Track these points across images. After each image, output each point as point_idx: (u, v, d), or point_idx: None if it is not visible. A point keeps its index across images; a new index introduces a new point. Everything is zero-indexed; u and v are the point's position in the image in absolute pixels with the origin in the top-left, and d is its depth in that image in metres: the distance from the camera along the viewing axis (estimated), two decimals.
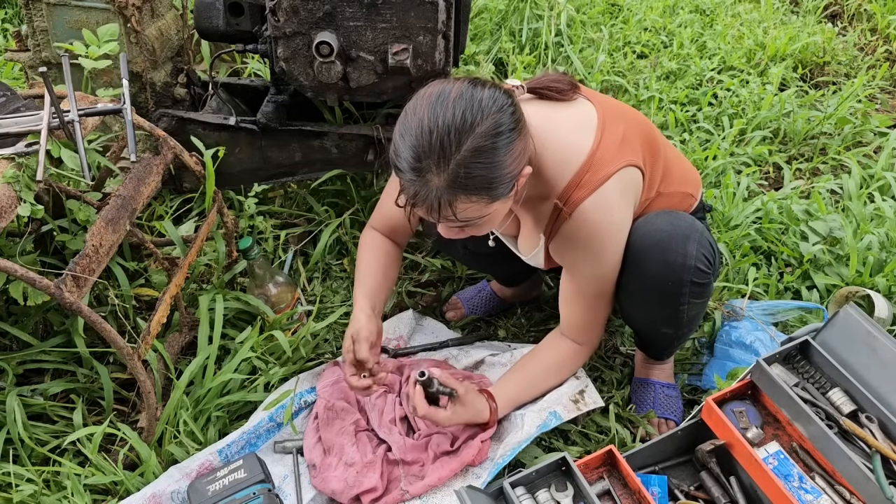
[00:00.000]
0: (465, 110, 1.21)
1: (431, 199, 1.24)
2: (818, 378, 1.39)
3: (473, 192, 1.24)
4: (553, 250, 1.53)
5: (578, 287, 1.54)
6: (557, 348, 1.63)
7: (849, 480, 1.27)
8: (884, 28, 3.61)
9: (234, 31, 1.97)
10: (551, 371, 1.62)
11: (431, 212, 1.26)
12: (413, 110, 1.25)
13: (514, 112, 1.26)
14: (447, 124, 1.20)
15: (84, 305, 1.36)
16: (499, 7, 3.40)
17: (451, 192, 1.23)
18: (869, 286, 1.98)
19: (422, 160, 1.21)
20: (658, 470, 1.48)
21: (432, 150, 1.20)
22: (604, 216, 1.42)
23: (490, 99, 1.24)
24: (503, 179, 1.25)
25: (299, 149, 2.12)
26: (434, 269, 2.15)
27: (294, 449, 1.62)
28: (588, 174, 1.39)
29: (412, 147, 1.22)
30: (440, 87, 1.26)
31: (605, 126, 1.43)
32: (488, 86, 1.27)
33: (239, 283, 1.98)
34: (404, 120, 1.25)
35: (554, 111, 1.47)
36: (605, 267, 1.49)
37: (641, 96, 2.96)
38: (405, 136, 1.23)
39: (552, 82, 1.48)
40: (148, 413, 1.55)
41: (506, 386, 1.59)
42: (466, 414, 1.51)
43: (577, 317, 1.58)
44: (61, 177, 1.66)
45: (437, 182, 1.22)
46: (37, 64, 2.07)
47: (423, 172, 1.22)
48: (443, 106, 1.22)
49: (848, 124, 2.83)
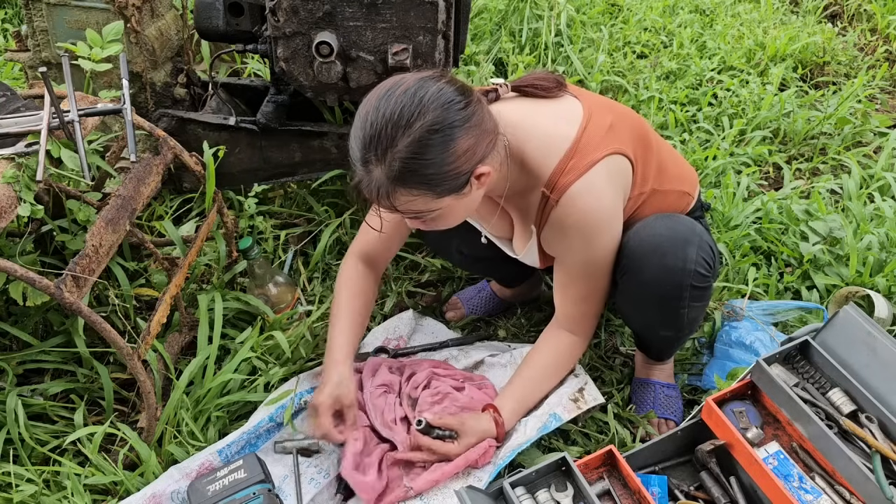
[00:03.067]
0: (405, 106, 1.23)
1: (372, 189, 1.28)
2: (818, 378, 1.39)
3: (413, 186, 1.26)
4: (544, 241, 1.51)
5: (571, 275, 1.53)
6: (554, 347, 1.62)
7: (849, 480, 1.27)
8: (884, 28, 3.61)
9: (234, 31, 1.97)
10: (550, 370, 1.62)
11: (373, 201, 1.31)
12: (364, 103, 1.28)
13: (463, 108, 1.26)
14: (385, 119, 1.23)
15: (84, 305, 1.36)
16: (499, 7, 3.40)
17: (389, 184, 1.26)
18: (869, 286, 1.98)
19: (365, 151, 1.25)
20: (658, 470, 1.48)
21: (372, 143, 1.24)
22: (593, 201, 1.41)
23: (434, 95, 1.25)
24: (447, 175, 1.26)
25: (299, 149, 2.12)
26: (434, 269, 2.15)
27: (294, 449, 1.62)
28: (574, 160, 1.39)
29: (358, 139, 1.27)
30: (393, 82, 1.28)
31: (590, 117, 1.43)
32: (443, 81, 1.27)
33: (239, 283, 1.98)
34: (357, 112, 1.29)
35: (537, 106, 1.47)
36: (598, 252, 1.48)
37: (641, 96, 2.96)
38: (355, 129, 1.28)
39: (536, 80, 1.49)
40: (148, 413, 1.55)
41: (509, 396, 1.59)
42: (473, 439, 1.53)
43: (571, 306, 1.57)
44: (61, 177, 1.66)
45: (377, 173, 1.26)
46: (37, 64, 2.07)
47: (366, 163, 1.26)
48: (387, 100, 1.25)
49: (848, 124, 2.83)
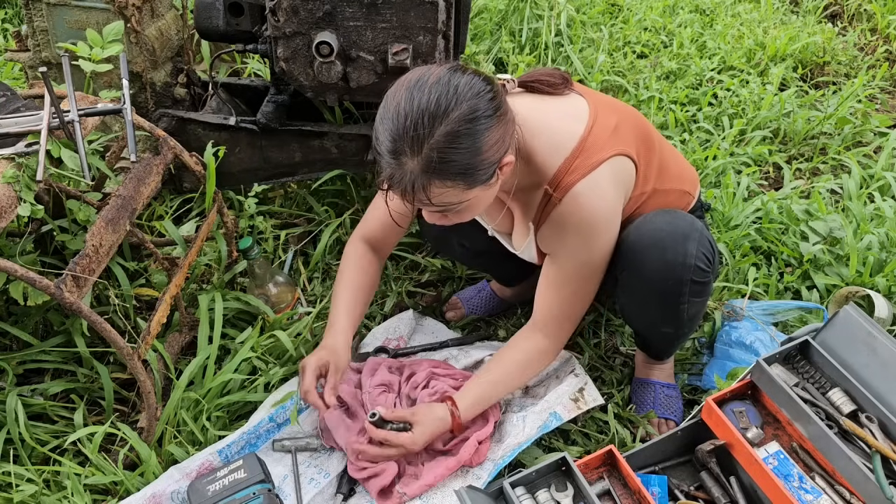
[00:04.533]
0: (441, 95, 1.22)
1: (406, 183, 1.25)
2: (818, 378, 1.39)
3: (448, 178, 1.25)
4: (541, 238, 1.51)
5: (563, 273, 1.51)
6: (525, 351, 1.60)
7: (849, 480, 1.27)
8: (884, 28, 3.61)
9: (234, 31, 1.97)
10: (515, 375, 1.60)
11: (406, 195, 1.28)
12: (392, 95, 1.26)
13: (492, 98, 1.26)
14: (421, 109, 1.21)
15: (84, 305, 1.36)
16: (499, 7, 3.40)
17: (425, 177, 1.24)
18: (869, 286, 1.98)
19: (397, 144, 1.23)
20: (658, 470, 1.48)
21: (407, 134, 1.22)
22: (596, 201, 1.40)
23: (467, 85, 1.24)
24: (479, 165, 1.25)
25: (299, 149, 2.12)
26: (434, 269, 2.15)
27: (294, 448, 1.62)
28: (579, 159, 1.38)
29: (389, 131, 1.24)
30: (420, 73, 1.27)
31: (596, 116, 1.43)
32: (468, 72, 1.27)
33: (239, 283, 1.98)
34: (384, 105, 1.27)
35: (544, 103, 1.46)
36: (595, 254, 1.47)
37: (641, 96, 2.96)
38: (384, 121, 1.25)
39: (543, 76, 1.48)
40: (148, 413, 1.55)
41: (470, 392, 1.57)
42: (428, 428, 1.51)
43: (555, 307, 1.55)
44: (61, 177, 1.66)
45: (411, 166, 1.23)
46: (37, 64, 2.07)
47: (398, 156, 1.24)
48: (419, 90, 1.23)
49: (848, 124, 2.83)
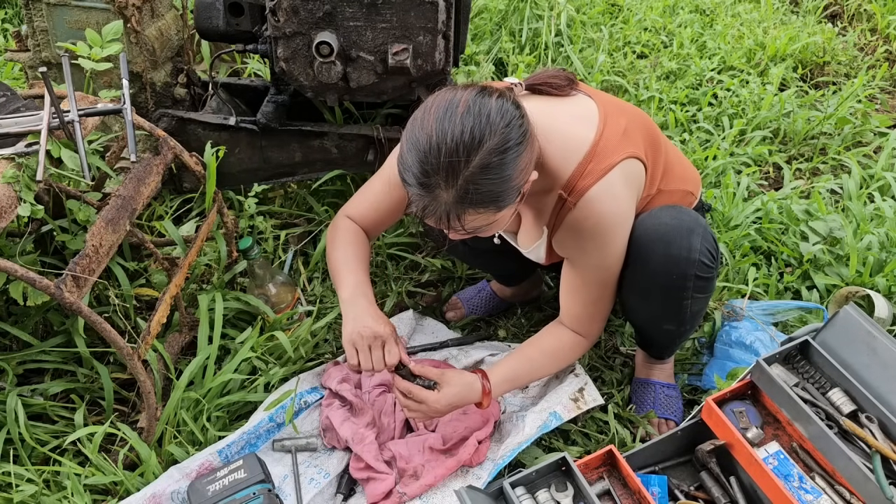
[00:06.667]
0: (474, 126, 1.20)
1: (440, 213, 1.25)
2: (818, 378, 1.39)
3: (481, 206, 1.24)
4: (557, 242, 1.51)
5: (583, 278, 1.52)
6: (558, 336, 1.61)
7: (849, 480, 1.27)
8: (884, 28, 3.61)
9: (234, 31, 1.97)
10: (549, 356, 1.60)
11: (441, 223, 1.27)
12: (421, 124, 1.24)
13: (522, 125, 1.26)
14: (455, 141, 1.19)
15: (84, 305, 1.36)
16: (499, 7, 3.40)
17: (459, 207, 1.23)
18: (869, 286, 1.98)
19: (430, 176, 1.21)
20: (658, 470, 1.48)
21: (440, 167, 1.20)
22: (611, 205, 1.41)
23: (498, 113, 1.23)
24: (511, 192, 1.26)
25: (299, 149, 2.12)
26: (434, 269, 2.15)
27: (294, 448, 1.62)
28: (592, 163, 1.38)
29: (420, 162, 1.21)
30: (448, 99, 1.24)
31: (606, 119, 1.43)
32: (496, 96, 1.25)
33: (239, 283, 1.98)
34: (412, 132, 1.24)
35: (553, 106, 1.46)
36: (611, 258, 1.48)
37: (641, 96, 2.95)
38: (413, 151, 1.23)
39: (549, 78, 1.48)
40: (148, 413, 1.55)
41: (502, 366, 1.57)
42: (454, 389, 1.49)
43: (580, 308, 1.57)
44: (61, 177, 1.66)
45: (445, 197, 1.22)
46: (37, 64, 2.07)
47: (431, 188, 1.22)
48: (451, 121, 1.21)
49: (848, 124, 2.83)
